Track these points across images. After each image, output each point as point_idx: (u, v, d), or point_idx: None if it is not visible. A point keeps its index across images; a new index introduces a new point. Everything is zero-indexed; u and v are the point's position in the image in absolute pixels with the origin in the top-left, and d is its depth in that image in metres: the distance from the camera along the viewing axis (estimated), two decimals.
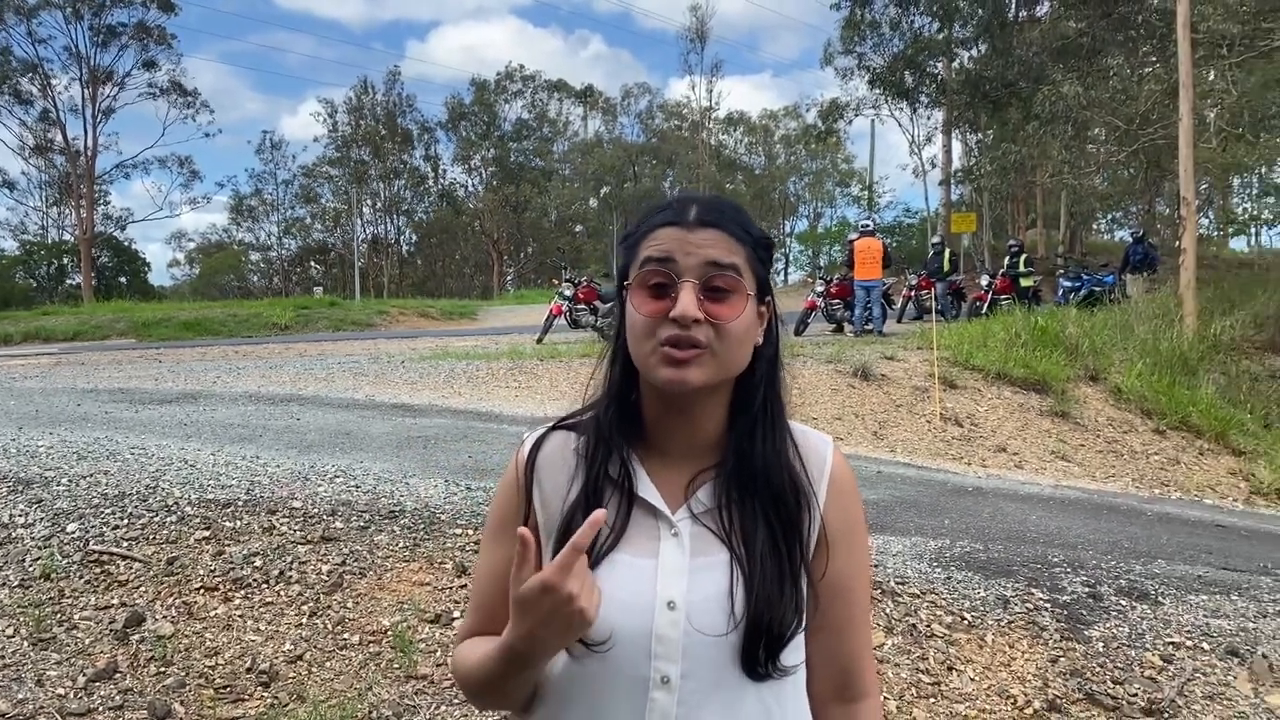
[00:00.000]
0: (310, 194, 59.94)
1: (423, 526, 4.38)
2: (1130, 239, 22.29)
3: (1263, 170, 20.56)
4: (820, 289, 17.48)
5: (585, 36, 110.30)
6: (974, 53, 30.01)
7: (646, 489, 1.14)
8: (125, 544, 3.92)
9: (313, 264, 63.14)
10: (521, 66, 61.92)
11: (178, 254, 64.31)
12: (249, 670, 3.26)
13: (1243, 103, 17.36)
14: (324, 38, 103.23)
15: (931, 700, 3.47)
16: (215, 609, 3.58)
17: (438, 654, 3.44)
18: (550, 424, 1.25)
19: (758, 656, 1.07)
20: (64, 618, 3.43)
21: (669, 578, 1.09)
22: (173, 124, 52.61)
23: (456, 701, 3.22)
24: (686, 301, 1.06)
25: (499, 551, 1.20)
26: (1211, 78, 18.59)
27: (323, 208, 60.62)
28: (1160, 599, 4.47)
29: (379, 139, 57.89)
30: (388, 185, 60.72)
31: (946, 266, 19.97)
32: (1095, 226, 47.58)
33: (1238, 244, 41.68)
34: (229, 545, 3.99)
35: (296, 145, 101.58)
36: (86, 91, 43.19)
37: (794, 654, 1.11)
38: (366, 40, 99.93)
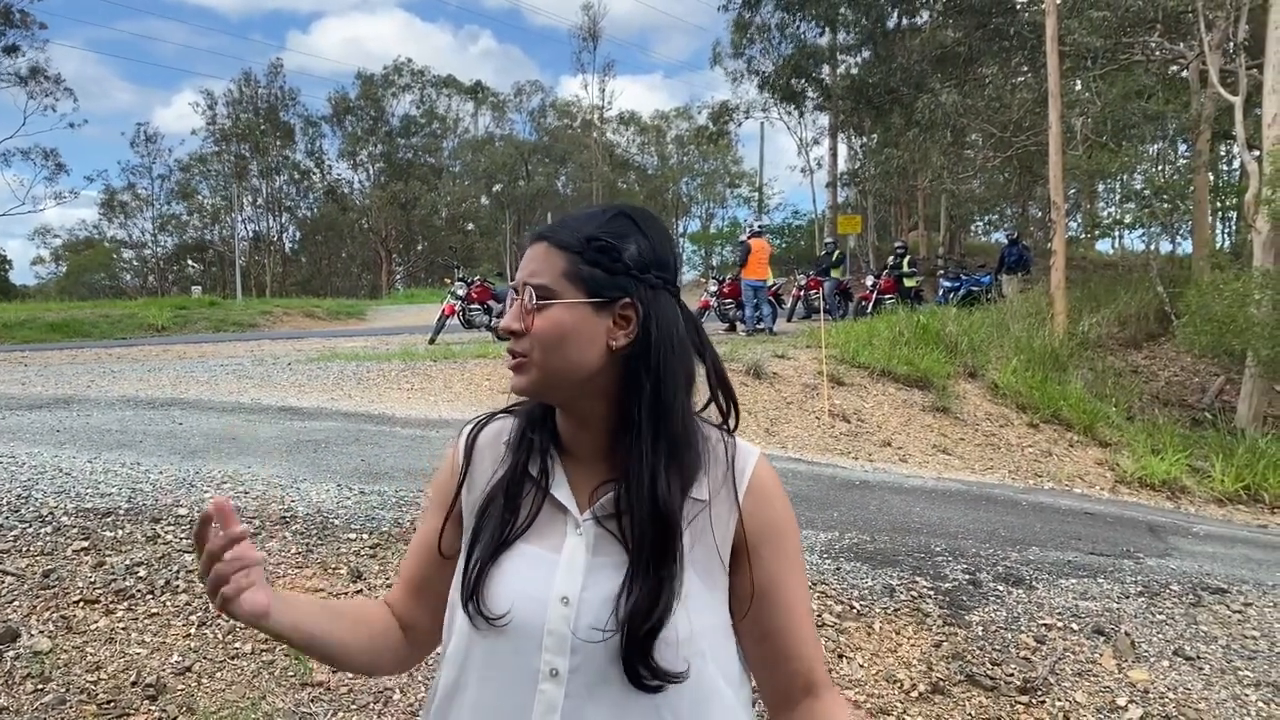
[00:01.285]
0: (188, 189, 57.53)
1: (315, 532, 4.29)
2: (1005, 241, 23.25)
3: (1124, 177, 21.69)
4: (714, 289, 17.72)
5: (475, 32, 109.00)
6: (858, 59, 30.86)
7: (560, 488, 1.19)
8: None
9: (190, 262, 60.62)
10: (410, 61, 60.91)
11: (42, 251, 61.01)
12: (134, 684, 3.15)
13: (1106, 112, 18.33)
14: (199, 27, 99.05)
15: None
16: (96, 622, 3.44)
17: None
18: (489, 414, 1.32)
19: (635, 662, 1.09)
20: None
21: (567, 574, 1.13)
22: (34, 114, 49.73)
23: (354, 707, 3.18)
24: (509, 313, 1.16)
25: (429, 524, 1.29)
26: (1078, 88, 19.60)
27: (201, 204, 58.30)
28: (1034, 584, 4.72)
29: (260, 133, 55.96)
30: (269, 181, 58.78)
31: (835, 267, 20.50)
32: (973, 229, 49.45)
33: (1103, 246, 43.95)
34: (110, 556, 3.84)
35: (173, 138, 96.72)
36: None
37: (670, 659, 1.10)
38: (245, 30, 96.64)
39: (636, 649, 1.09)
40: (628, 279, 1.14)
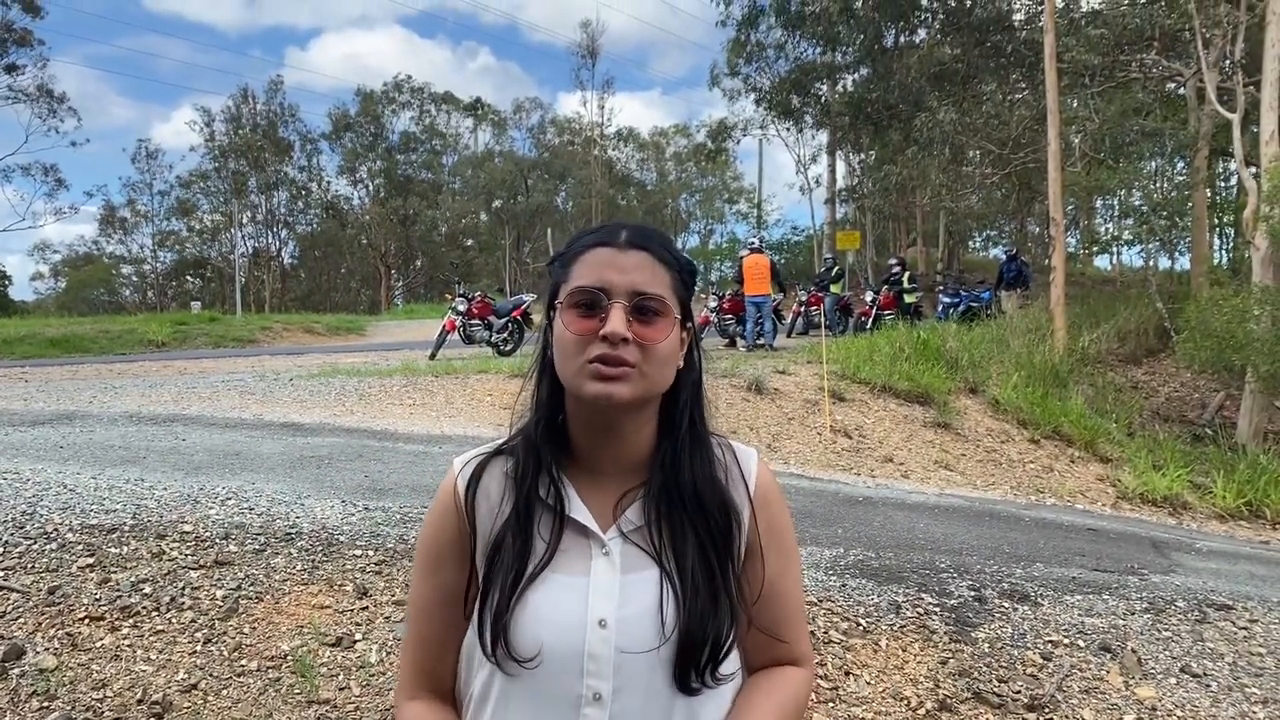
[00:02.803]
0: (187, 205, 57.61)
1: (320, 548, 4.28)
2: (1004, 257, 23.33)
3: (1122, 193, 21.78)
4: (713, 304, 17.74)
5: (473, 48, 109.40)
6: (856, 77, 31.00)
7: (578, 510, 1.17)
8: (1, 574, 3.72)
9: (189, 278, 60.67)
10: (410, 77, 61.05)
11: (41, 266, 60.98)
12: (140, 702, 3.13)
13: (1104, 129, 18.42)
14: (197, 43, 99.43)
15: (830, 705, 3.58)
16: (102, 639, 3.43)
17: (339, 678, 3.38)
18: (480, 450, 1.26)
19: (690, 670, 1.10)
20: None
21: (600, 596, 1.12)
22: (36, 132, 49.82)
23: None
24: (616, 321, 1.10)
25: (434, 581, 1.22)
26: (1076, 105, 19.70)
27: (200, 220, 58.38)
28: (1040, 600, 4.72)
29: (259, 149, 56.07)
30: (268, 197, 58.85)
31: (835, 282, 20.54)
32: (971, 244, 49.58)
33: (1101, 262, 44.10)
34: (115, 572, 3.83)
35: (173, 154, 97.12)
36: None
37: (728, 664, 1.15)
38: (243, 46, 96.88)
39: (695, 659, 1.10)
40: (690, 302, 1.22)
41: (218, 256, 58.59)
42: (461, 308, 14.85)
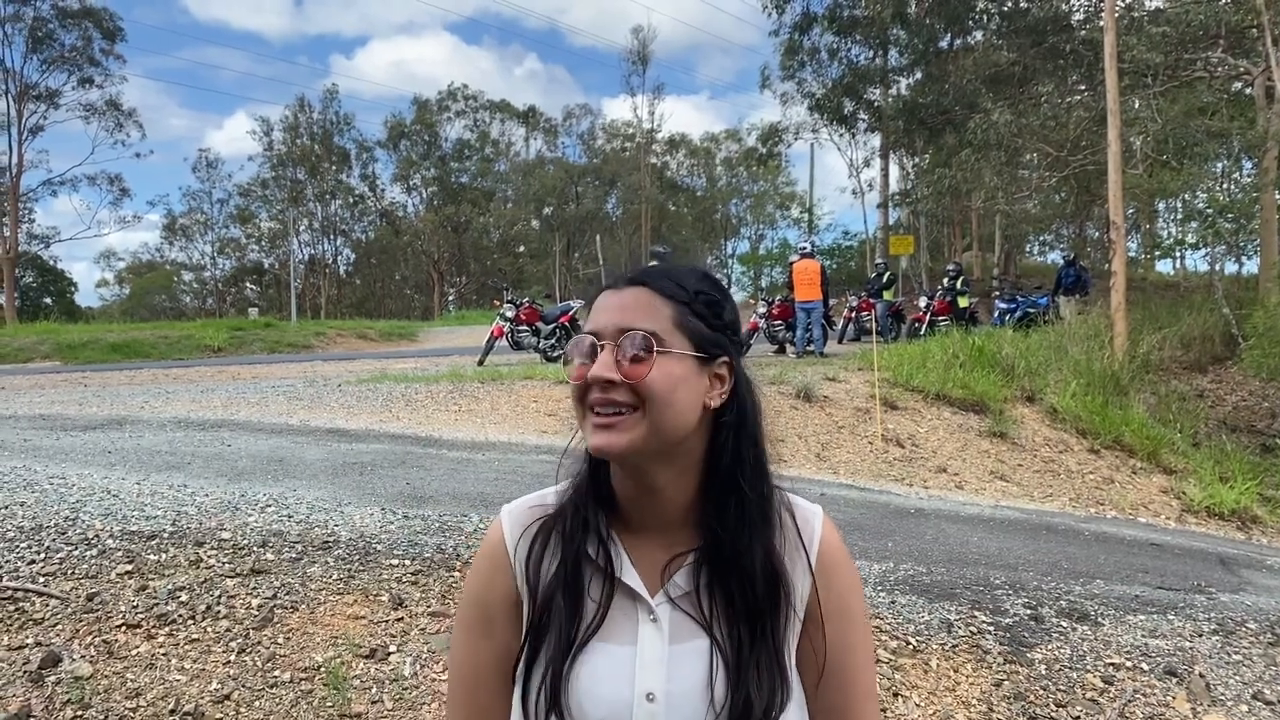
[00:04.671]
0: (246, 213, 58.86)
1: (358, 557, 4.24)
2: (1062, 262, 22.84)
3: (1186, 196, 21.20)
4: (762, 310, 17.59)
5: (519, 53, 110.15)
6: (910, 80, 30.65)
7: (628, 573, 1.10)
8: (41, 580, 3.73)
9: (248, 284, 61.96)
10: (465, 86, 61.77)
11: (106, 274, 62.82)
12: (172, 712, 3.10)
13: (1167, 130, 17.92)
14: (245, 52, 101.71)
15: None
16: (138, 647, 3.41)
17: (372, 691, 3.32)
18: (528, 500, 1.19)
19: None
20: None
21: (647, 668, 1.05)
22: (102, 144, 51.37)
23: None
24: (600, 362, 1.04)
25: (483, 644, 1.15)
26: (1137, 106, 19.20)
27: (258, 227, 59.58)
28: (1100, 620, 4.51)
29: (316, 158, 57.11)
30: (324, 205, 59.89)
31: (887, 288, 20.25)
32: (1028, 249, 48.78)
33: (1164, 267, 43.08)
34: (153, 579, 3.82)
35: (233, 164, 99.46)
36: (15, 108, 41.97)
37: None
38: (289, 54, 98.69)
39: None
40: (724, 337, 1.10)
41: (275, 264, 59.72)
42: (510, 314, 14.91)
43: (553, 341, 14.97)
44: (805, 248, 17.30)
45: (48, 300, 50.32)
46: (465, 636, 1.17)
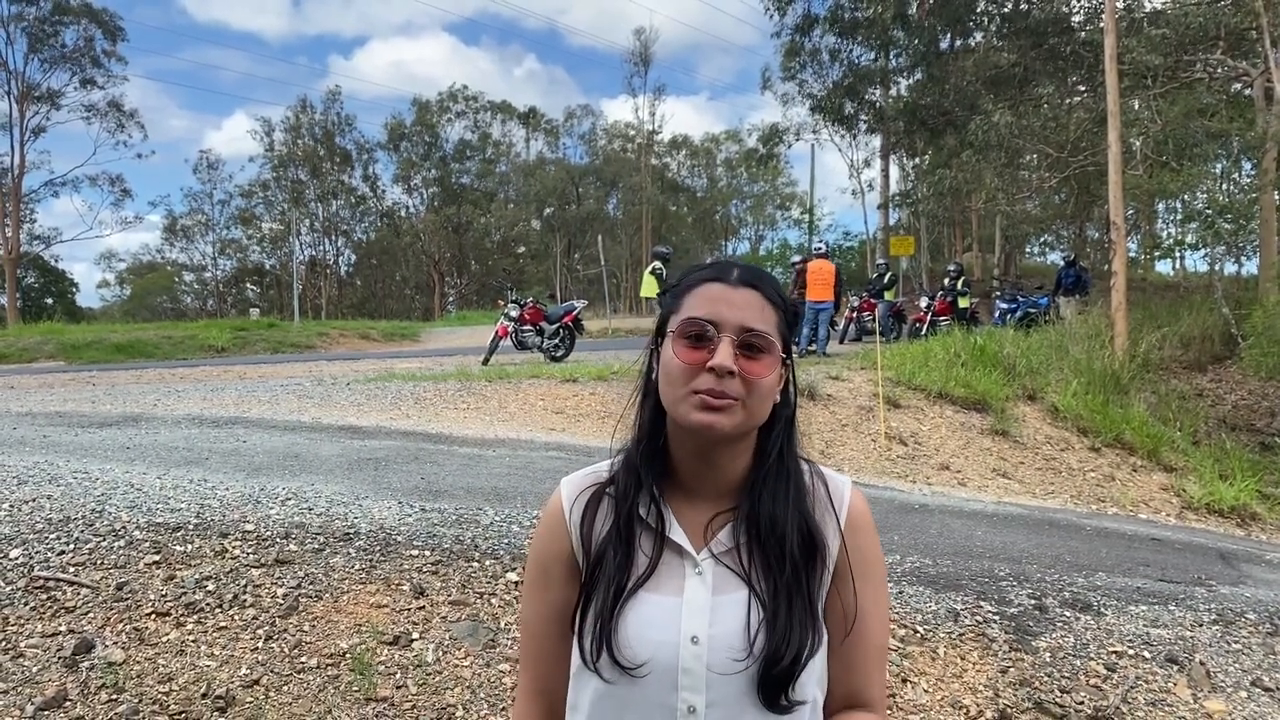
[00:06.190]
0: (246, 214, 58.93)
1: (378, 548, 4.34)
2: (1062, 262, 22.90)
3: (1185, 196, 21.29)
4: None
5: (518, 54, 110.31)
6: (910, 81, 30.73)
7: (675, 531, 1.22)
8: (72, 569, 3.82)
9: (249, 285, 62.04)
10: (465, 87, 61.93)
11: (107, 275, 62.98)
12: (204, 696, 3.20)
13: (1166, 131, 18.01)
14: (245, 52, 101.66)
15: (888, 713, 3.52)
16: (168, 634, 3.50)
17: (397, 676, 3.42)
18: (585, 471, 1.32)
19: (774, 689, 1.13)
20: (9, 646, 3.33)
21: (693, 615, 1.17)
22: (103, 144, 51.47)
23: None
24: (724, 354, 1.14)
25: (546, 597, 1.28)
26: (1137, 107, 19.29)
27: (259, 228, 59.65)
28: (1102, 610, 4.61)
29: (317, 159, 57.16)
30: (325, 205, 59.95)
31: (888, 289, 20.32)
32: (1028, 249, 48.84)
33: (1163, 267, 43.19)
34: (180, 569, 3.91)
35: (233, 165, 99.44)
36: (17, 108, 42.05)
37: (809, 686, 1.17)
38: (288, 55, 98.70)
39: (778, 678, 1.13)
40: (791, 342, 1.25)
41: (277, 265, 59.81)
42: (514, 314, 14.97)
43: (556, 341, 15.04)
44: (820, 248, 17.35)
45: (49, 301, 50.40)
46: (530, 592, 1.31)
